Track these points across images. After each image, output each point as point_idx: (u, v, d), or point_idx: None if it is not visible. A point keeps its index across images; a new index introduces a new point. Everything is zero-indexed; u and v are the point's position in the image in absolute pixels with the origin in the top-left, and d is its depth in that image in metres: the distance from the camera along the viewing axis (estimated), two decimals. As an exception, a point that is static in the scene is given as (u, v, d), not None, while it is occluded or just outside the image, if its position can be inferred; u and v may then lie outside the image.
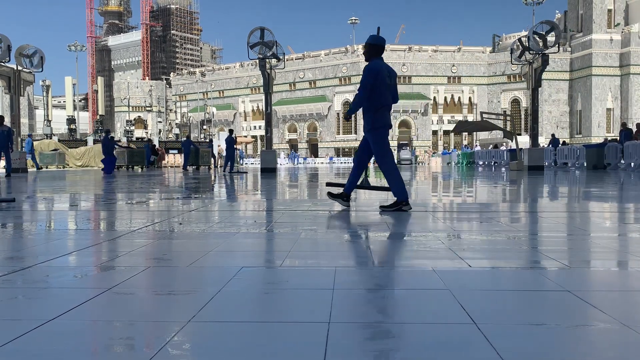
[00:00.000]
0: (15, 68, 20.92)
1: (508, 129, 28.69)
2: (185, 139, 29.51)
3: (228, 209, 6.05)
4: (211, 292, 2.04)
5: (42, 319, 1.68)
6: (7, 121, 18.22)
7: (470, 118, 71.35)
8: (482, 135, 66.10)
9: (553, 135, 32.95)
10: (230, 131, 21.55)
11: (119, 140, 37.49)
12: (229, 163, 20.37)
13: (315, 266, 2.58)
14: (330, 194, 5.65)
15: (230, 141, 20.62)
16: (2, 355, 1.39)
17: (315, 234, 3.70)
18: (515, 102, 75.54)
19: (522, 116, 72.31)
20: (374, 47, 5.25)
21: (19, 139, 21.67)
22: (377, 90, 5.09)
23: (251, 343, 1.49)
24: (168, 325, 1.64)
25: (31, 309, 1.86)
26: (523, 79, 21.59)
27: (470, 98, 77.54)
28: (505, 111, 68.38)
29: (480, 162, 34.01)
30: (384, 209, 5.19)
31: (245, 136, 78.99)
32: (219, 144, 34.52)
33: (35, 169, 26.00)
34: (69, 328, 1.63)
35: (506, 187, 10.02)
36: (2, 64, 20.26)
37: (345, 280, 2.24)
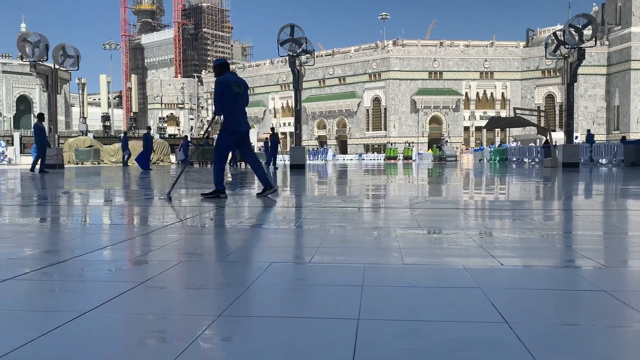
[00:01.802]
0: (53, 67, 21.49)
1: (542, 124, 28.08)
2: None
3: (258, 204, 6.10)
4: (241, 287, 2.06)
5: (78, 311, 1.73)
6: (45, 118, 18.71)
7: (503, 114, 70.08)
8: (515, 131, 64.91)
9: (589, 131, 31.79)
10: (272, 129, 24.47)
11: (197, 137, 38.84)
12: (272, 160, 22.96)
13: (345, 263, 2.58)
14: (259, 195, 6.57)
15: (274, 139, 23.50)
16: (41, 345, 1.44)
17: (344, 230, 3.69)
18: (550, 97, 73.88)
19: (557, 112, 70.69)
20: (217, 67, 6.41)
21: (56, 136, 22.26)
22: (226, 98, 6.18)
23: (280, 338, 1.50)
24: (199, 319, 1.67)
25: (68, 301, 1.92)
26: (558, 74, 21.06)
27: (503, 93, 76.18)
28: (539, 107, 66.90)
29: (514, 159, 33.39)
30: (205, 196, 6.30)
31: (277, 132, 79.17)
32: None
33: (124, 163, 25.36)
34: (103, 320, 1.67)
35: (539, 184, 9.82)
36: (40, 63, 20.84)
37: (375, 277, 2.23)
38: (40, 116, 17.30)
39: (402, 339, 1.47)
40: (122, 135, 28.76)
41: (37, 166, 16.89)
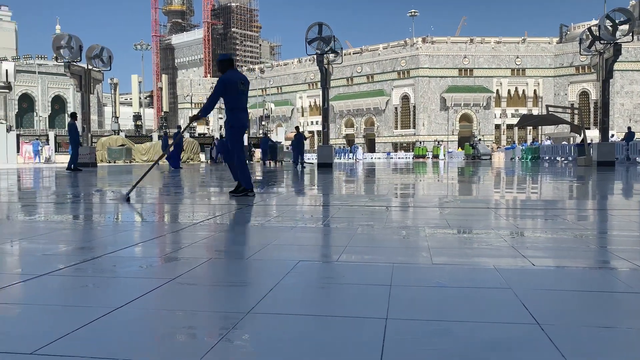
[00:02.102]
0: (86, 67, 21.99)
1: (576, 122, 27.40)
2: (263, 136, 31.54)
3: (286, 203, 6.12)
4: (269, 284, 2.07)
5: (110, 307, 1.77)
6: (78, 117, 19.14)
7: (535, 111, 68.82)
8: (548, 129, 63.61)
9: (629, 128, 30.28)
10: (297, 128, 24.47)
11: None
12: (300, 158, 22.86)
13: (373, 262, 2.57)
14: (232, 194, 6.50)
15: (300, 138, 23.44)
16: (75, 339, 1.47)
17: (372, 229, 3.68)
18: (584, 94, 72.11)
19: (592, 109, 68.98)
20: (224, 63, 6.33)
21: (89, 135, 22.77)
22: (231, 96, 6.18)
23: (308, 336, 1.51)
24: (228, 316, 1.68)
25: (100, 297, 1.96)
26: (593, 70, 20.50)
27: (535, 91, 74.73)
28: (572, 104, 65.46)
29: (546, 157, 32.73)
30: (232, 194, 6.38)
31: (302, 131, 79.42)
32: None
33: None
34: (135, 316, 1.70)
35: (573, 183, 9.60)
36: (74, 63, 21.35)
37: (403, 277, 2.21)
38: (73, 115, 17.69)
39: (431, 339, 1.46)
40: (163, 134, 29.41)
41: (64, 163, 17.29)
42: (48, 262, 2.55)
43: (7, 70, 31.85)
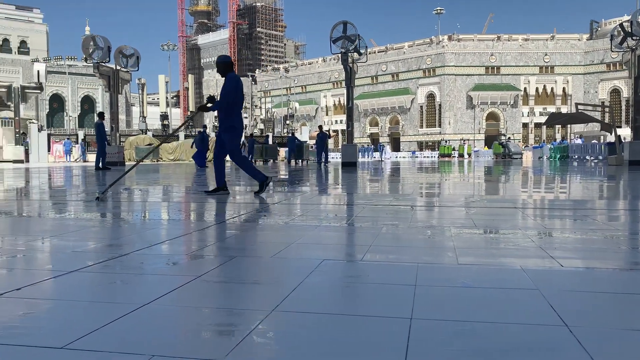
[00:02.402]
0: (114, 68, 22.40)
1: (606, 120, 26.81)
2: (290, 135, 31.92)
3: (310, 201, 6.13)
4: (293, 283, 2.08)
5: (138, 303, 1.80)
6: (106, 117, 19.49)
7: (564, 110, 67.53)
8: (577, 128, 62.36)
9: None
10: (320, 127, 24.72)
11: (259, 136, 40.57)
12: (323, 157, 23.04)
13: (397, 261, 2.55)
14: (207, 192, 6.60)
15: (323, 137, 23.58)
16: (104, 334, 1.50)
17: (396, 229, 3.66)
18: (615, 92, 70.48)
19: (623, 107, 67.36)
20: (226, 65, 6.35)
21: (118, 134, 23.18)
22: (238, 97, 6.27)
23: (332, 334, 1.51)
24: (253, 314, 1.69)
25: (128, 293, 1.99)
26: (624, 67, 20.02)
27: (564, 88, 73.36)
28: (603, 102, 63.99)
29: (575, 156, 32.07)
30: (255, 193, 6.44)
31: (327, 130, 79.46)
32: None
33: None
34: (162, 312, 1.73)
35: (603, 183, 9.39)
36: (103, 64, 21.77)
37: (428, 277, 2.19)
38: (101, 115, 17.99)
39: (456, 340, 1.45)
40: (198, 133, 29.91)
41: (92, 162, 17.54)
42: (77, 259, 2.61)
43: (38, 72, 32.69)
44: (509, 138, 48.44)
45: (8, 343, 1.43)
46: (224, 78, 6.37)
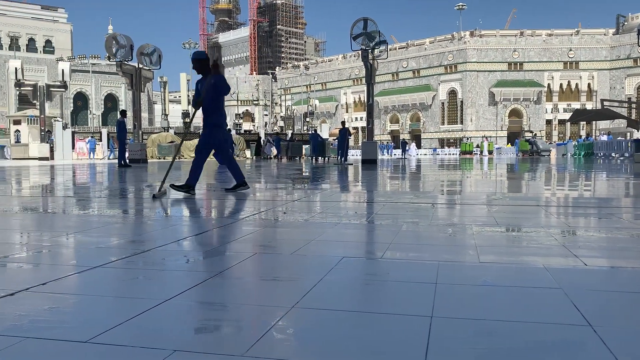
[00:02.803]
0: (137, 66, 22.66)
1: (633, 117, 26.23)
2: (313, 132, 31.97)
3: (330, 199, 6.13)
4: (313, 280, 2.08)
5: (160, 299, 1.82)
6: (129, 115, 19.74)
7: (589, 106, 66.27)
8: (602, 124, 61.19)
9: None
10: (343, 123, 24.45)
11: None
12: (343, 154, 22.47)
13: (418, 259, 2.54)
14: (173, 186, 6.17)
15: (345, 134, 22.94)
16: (127, 329, 1.52)
17: (417, 226, 3.64)
18: (642, 87, 68.90)
19: (649, 103, 65.77)
20: (203, 63, 6.18)
21: (140, 132, 23.47)
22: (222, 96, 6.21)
23: (352, 332, 1.51)
24: (273, 310, 1.70)
25: (150, 289, 2.02)
26: (651, 62, 19.58)
27: (589, 84, 71.96)
28: (629, 98, 62.60)
29: (601, 154, 31.48)
30: (227, 189, 6.51)
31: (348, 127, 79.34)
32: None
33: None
34: (183, 308, 1.75)
35: (629, 181, 9.20)
36: (126, 62, 22.04)
37: (449, 275, 2.18)
38: (123, 112, 18.23)
39: (477, 339, 1.43)
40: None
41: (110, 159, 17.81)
42: (101, 254, 2.65)
43: (63, 70, 33.26)
44: (536, 134, 47.53)
45: (34, 336, 1.46)
46: (200, 75, 6.26)
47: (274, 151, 33.88)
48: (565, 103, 71.97)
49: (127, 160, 18.21)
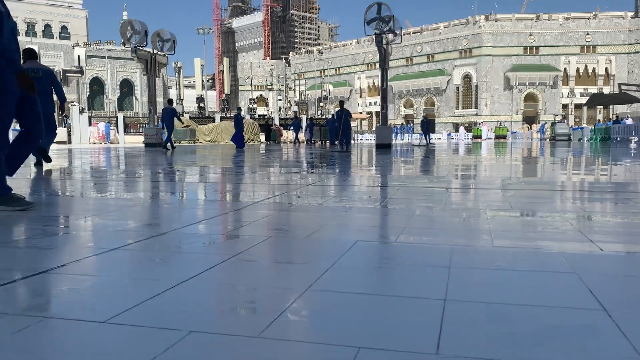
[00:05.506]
0: (152, 51, 22.72)
1: (652, 101, 25.80)
2: (332, 117, 32.05)
3: (343, 183, 6.14)
4: (327, 263, 2.10)
5: (176, 280, 1.85)
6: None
7: (606, 90, 65.20)
8: (620, 109, 60.22)
9: None
10: (341, 102, 18.69)
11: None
12: (343, 139, 17.98)
13: (431, 243, 2.54)
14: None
15: (342, 115, 17.85)
16: (144, 309, 1.55)
17: (431, 211, 3.63)
18: (662, 71, 67.56)
19: (670, 87, 64.49)
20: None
21: (156, 117, 23.60)
22: None
23: (366, 314, 1.52)
24: (287, 293, 1.72)
25: (167, 271, 2.05)
26: (672, 45, 19.17)
27: (606, 69, 70.79)
28: (648, 82, 61.37)
29: (617, 138, 31.03)
30: None
31: (361, 112, 79.15)
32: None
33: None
34: (199, 290, 1.77)
35: (647, 166, 9.06)
36: (141, 48, 22.10)
37: (463, 259, 2.18)
38: (170, 101, 18.78)
39: (491, 323, 1.44)
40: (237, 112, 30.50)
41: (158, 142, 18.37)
42: (118, 237, 2.69)
43: (79, 56, 33.53)
44: (563, 117, 46.75)
45: (53, 316, 1.50)
46: None
47: (301, 137, 34.02)
48: (582, 87, 70.96)
49: (169, 143, 18.59)
